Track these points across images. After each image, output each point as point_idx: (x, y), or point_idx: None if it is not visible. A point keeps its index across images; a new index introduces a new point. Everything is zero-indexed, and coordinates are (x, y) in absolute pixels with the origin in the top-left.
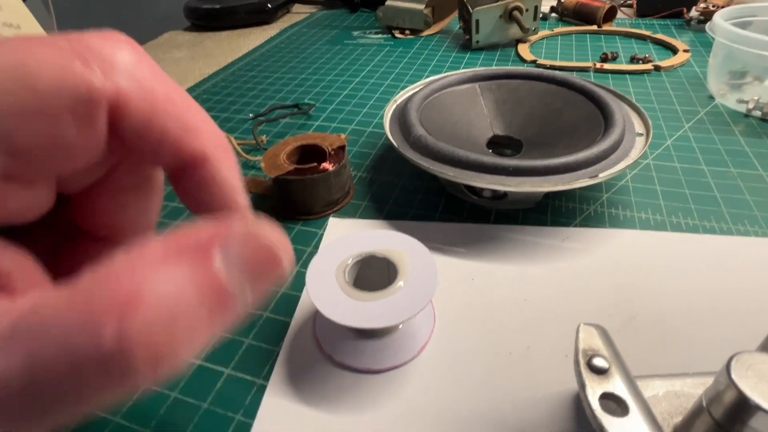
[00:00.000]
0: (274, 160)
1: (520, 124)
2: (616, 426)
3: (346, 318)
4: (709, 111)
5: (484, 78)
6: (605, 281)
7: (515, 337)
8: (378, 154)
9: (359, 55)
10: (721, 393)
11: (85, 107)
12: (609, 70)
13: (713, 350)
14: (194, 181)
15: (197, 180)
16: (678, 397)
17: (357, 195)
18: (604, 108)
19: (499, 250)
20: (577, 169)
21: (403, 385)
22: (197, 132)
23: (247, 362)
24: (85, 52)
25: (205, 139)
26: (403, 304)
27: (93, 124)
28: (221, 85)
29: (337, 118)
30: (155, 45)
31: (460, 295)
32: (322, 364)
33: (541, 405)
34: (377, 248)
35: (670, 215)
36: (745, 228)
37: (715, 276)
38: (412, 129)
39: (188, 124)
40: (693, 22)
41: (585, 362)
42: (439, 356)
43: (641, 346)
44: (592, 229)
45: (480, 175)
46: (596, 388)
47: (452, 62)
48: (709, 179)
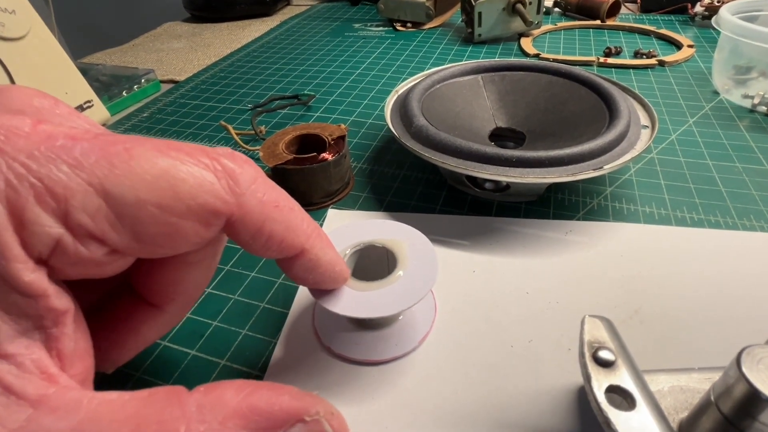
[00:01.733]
0: (272, 149)
1: (523, 116)
2: (623, 420)
3: (345, 308)
4: (714, 106)
5: (487, 69)
6: (609, 275)
7: (517, 330)
8: (378, 146)
9: (360, 47)
10: (730, 387)
11: (209, 216)
12: (612, 64)
13: (718, 345)
14: (302, 267)
15: (304, 266)
16: (684, 392)
17: (357, 186)
18: (609, 100)
19: (501, 243)
20: (582, 160)
21: (402, 376)
22: (297, 230)
23: (244, 353)
24: (219, 168)
25: (304, 233)
26: (403, 294)
27: (210, 229)
28: (220, 75)
29: (337, 110)
30: (154, 35)
31: (462, 288)
32: (320, 356)
33: (543, 398)
34: (376, 238)
35: (675, 209)
36: (751, 223)
37: (720, 270)
38: (414, 119)
39: (291, 224)
40: (697, 17)
41: (590, 354)
42: (440, 348)
43: (645, 341)
44: (595, 222)
45: (483, 165)
46: (602, 380)
47: (454, 56)
48: (714, 174)
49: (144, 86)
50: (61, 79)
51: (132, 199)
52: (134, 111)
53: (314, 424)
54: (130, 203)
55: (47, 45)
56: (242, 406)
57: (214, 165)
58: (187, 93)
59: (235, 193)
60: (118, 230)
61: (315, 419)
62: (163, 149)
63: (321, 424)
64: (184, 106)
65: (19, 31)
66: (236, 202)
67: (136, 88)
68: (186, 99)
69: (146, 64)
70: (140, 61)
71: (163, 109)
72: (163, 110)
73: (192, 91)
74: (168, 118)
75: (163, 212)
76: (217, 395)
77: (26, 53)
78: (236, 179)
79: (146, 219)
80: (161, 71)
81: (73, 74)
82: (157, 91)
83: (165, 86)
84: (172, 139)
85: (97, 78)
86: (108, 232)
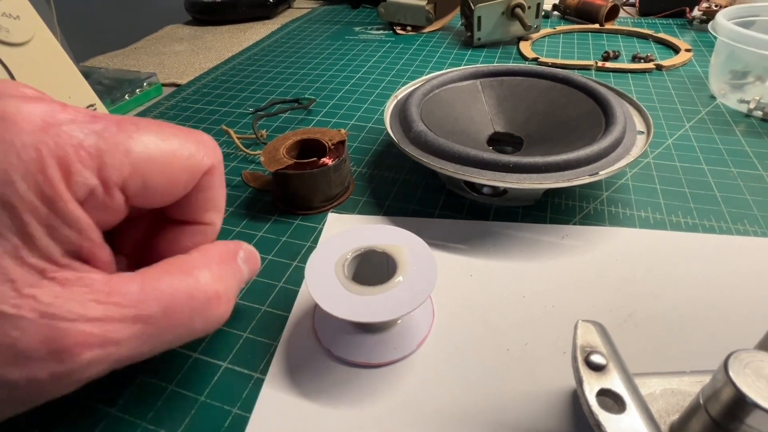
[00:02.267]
0: (273, 154)
1: (521, 121)
2: (614, 422)
3: (345, 312)
4: (710, 110)
5: (486, 75)
6: (604, 279)
7: (513, 334)
8: (378, 150)
9: (360, 50)
10: (718, 391)
11: (195, 171)
12: (611, 68)
13: (710, 349)
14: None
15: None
16: (675, 395)
17: (356, 191)
18: (605, 105)
19: (498, 247)
20: (578, 166)
21: (401, 379)
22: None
23: (245, 356)
24: (202, 145)
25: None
26: (403, 299)
27: (193, 179)
28: (221, 78)
29: (337, 114)
30: (155, 38)
31: (459, 291)
32: (320, 358)
33: (538, 401)
34: (377, 243)
35: (670, 214)
36: (745, 228)
37: (714, 275)
38: (413, 125)
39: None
40: (695, 21)
41: (583, 358)
42: (438, 351)
43: (639, 344)
44: (591, 227)
45: (480, 171)
46: (593, 384)
47: (453, 59)
48: (710, 178)
49: (146, 90)
50: (65, 83)
51: (147, 156)
52: (136, 114)
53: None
54: (146, 158)
55: (51, 49)
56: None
57: (201, 142)
58: (188, 96)
59: (210, 159)
60: (133, 180)
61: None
62: (166, 127)
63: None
64: (186, 110)
65: (24, 37)
66: (210, 165)
67: (138, 92)
68: (188, 102)
69: (148, 68)
70: (142, 64)
71: (166, 112)
72: (166, 114)
73: (194, 95)
74: (170, 121)
75: (166, 167)
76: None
77: (30, 58)
78: (213, 152)
79: (155, 171)
80: (163, 74)
81: (76, 78)
82: (159, 94)
83: (167, 90)
84: None
85: (100, 81)
86: (127, 182)
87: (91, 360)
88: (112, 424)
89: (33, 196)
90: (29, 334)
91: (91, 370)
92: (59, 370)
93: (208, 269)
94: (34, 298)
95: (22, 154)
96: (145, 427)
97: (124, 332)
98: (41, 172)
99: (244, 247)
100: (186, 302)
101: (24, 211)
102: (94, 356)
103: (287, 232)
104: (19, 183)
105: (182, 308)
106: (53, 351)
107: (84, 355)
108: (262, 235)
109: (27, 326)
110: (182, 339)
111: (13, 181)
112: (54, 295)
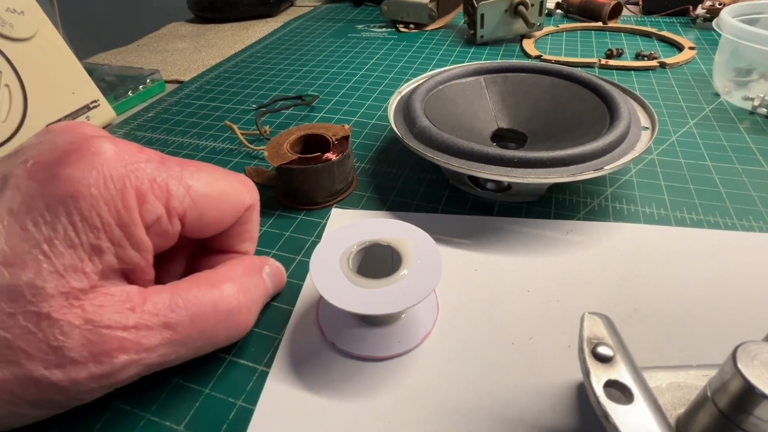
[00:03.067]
0: (277, 149)
1: (524, 118)
2: (621, 413)
3: (350, 304)
4: (714, 108)
5: (490, 71)
6: (609, 274)
7: (518, 328)
8: (381, 146)
9: (363, 48)
10: (726, 383)
11: (240, 206)
12: (614, 66)
13: (716, 343)
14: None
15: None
16: (681, 388)
17: (360, 186)
18: (609, 101)
19: (502, 242)
20: (583, 161)
21: (405, 373)
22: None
23: (249, 349)
24: (246, 185)
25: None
26: (408, 292)
27: (239, 212)
28: (224, 75)
29: (340, 110)
30: (158, 36)
31: (464, 286)
32: (324, 352)
33: (543, 395)
34: (381, 236)
35: (675, 210)
36: (750, 224)
37: (719, 270)
38: (417, 120)
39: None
40: (699, 20)
41: (590, 350)
42: (442, 345)
43: (644, 339)
44: (596, 222)
45: (485, 166)
46: (601, 375)
47: (456, 57)
48: (714, 175)
49: (149, 86)
50: (68, 79)
51: (204, 193)
52: (140, 111)
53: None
54: (203, 194)
55: (55, 45)
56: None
57: (245, 183)
58: (191, 93)
59: (251, 198)
60: (192, 212)
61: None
62: (218, 171)
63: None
64: (189, 106)
65: (28, 32)
66: (251, 203)
67: (141, 88)
68: (191, 99)
69: (151, 65)
70: (145, 61)
71: (168, 109)
72: (168, 110)
73: (197, 92)
74: (173, 118)
75: (218, 202)
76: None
77: (34, 53)
78: (251, 191)
79: (209, 206)
80: (166, 72)
81: (79, 74)
82: (162, 91)
83: (170, 86)
84: (177, 138)
85: (103, 78)
86: (187, 212)
87: (126, 363)
88: (117, 416)
89: (112, 220)
90: (74, 338)
91: (125, 373)
92: (97, 372)
93: (232, 282)
94: (82, 308)
95: (109, 184)
96: (149, 419)
97: (155, 339)
98: (123, 200)
99: (270, 262)
100: (211, 312)
101: (101, 231)
102: (128, 360)
103: (291, 227)
104: (102, 207)
105: (207, 317)
106: (94, 354)
107: (120, 358)
108: (265, 230)
109: (73, 332)
110: (207, 347)
111: (99, 206)
112: (99, 304)
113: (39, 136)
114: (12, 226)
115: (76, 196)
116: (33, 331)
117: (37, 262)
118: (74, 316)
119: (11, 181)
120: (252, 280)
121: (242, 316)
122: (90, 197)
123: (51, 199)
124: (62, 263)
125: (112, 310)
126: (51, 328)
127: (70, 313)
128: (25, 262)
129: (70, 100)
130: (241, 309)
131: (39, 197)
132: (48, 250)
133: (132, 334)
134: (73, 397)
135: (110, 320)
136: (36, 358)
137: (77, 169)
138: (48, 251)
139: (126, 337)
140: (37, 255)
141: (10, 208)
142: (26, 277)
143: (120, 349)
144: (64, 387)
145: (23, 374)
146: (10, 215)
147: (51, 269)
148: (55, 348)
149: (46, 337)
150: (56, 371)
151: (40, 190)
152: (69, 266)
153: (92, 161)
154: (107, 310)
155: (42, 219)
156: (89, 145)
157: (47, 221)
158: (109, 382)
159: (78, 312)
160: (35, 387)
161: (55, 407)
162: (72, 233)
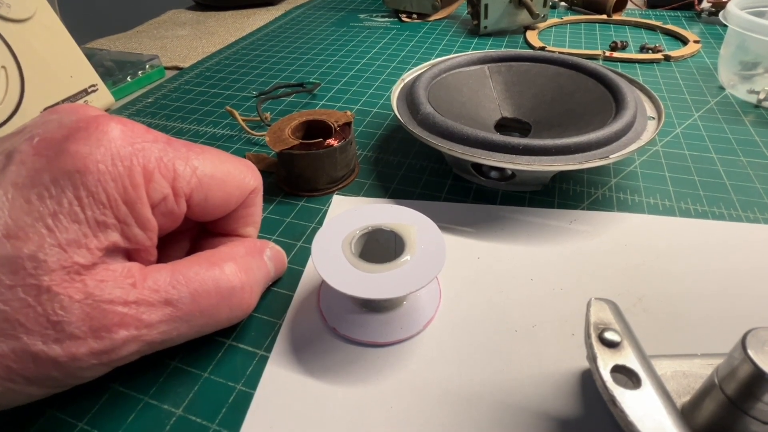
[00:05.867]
0: (278, 134)
1: (529, 107)
2: (628, 398)
3: (352, 288)
4: (719, 101)
5: (494, 60)
6: (613, 263)
7: (521, 315)
8: (383, 134)
9: (365, 37)
10: (735, 369)
11: (245, 189)
12: (618, 58)
13: (720, 333)
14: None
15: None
16: (686, 377)
17: (362, 173)
18: (615, 91)
19: (505, 231)
20: (588, 149)
21: (407, 359)
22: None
23: (249, 333)
24: (249, 169)
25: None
26: (411, 277)
27: (243, 195)
28: (224, 63)
29: (342, 99)
30: (158, 22)
31: (466, 273)
32: (325, 337)
33: (546, 382)
34: (385, 222)
35: (679, 201)
36: (755, 215)
37: (723, 261)
38: (420, 107)
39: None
40: (704, 13)
41: (596, 335)
42: (444, 332)
43: (648, 328)
44: (600, 212)
45: (489, 153)
46: (608, 360)
47: (459, 48)
48: (719, 167)
49: (148, 72)
50: (66, 63)
51: (210, 174)
52: (139, 96)
53: None
54: (209, 175)
55: (53, 28)
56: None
57: (249, 168)
58: (191, 80)
59: (255, 181)
60: (198, 192)
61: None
62: (222, 154)
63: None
64: (189, 93)
65: (25, 13)
66: (255, 186)
67: (140, 74)
68: (190, 86)
69: (150, 51)
70: (144, 47)
71: (168, 95)
72: (168, 96)
73: (196, 78)
74: (172, 104)
75: (223, 184)
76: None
77: (31, 35)
78: (255, 175)
79: (215, 187)
80: (165, 58)
81: (78, 58)
82: (161, 77)
83: (169, 73)
84: (177, 124)
85: (102, 63)
86: (193, 193)
87: (126, 339)
88: (115, 398)
89: (118, 197)
90: (74, 313)
91: (125, 349)
92: (96, 347)
93: (234, 261)
94: (83, 282)
95: (117, 161)
96: (147, 402)
97: (156, 315)
98: (130, 177)
99: (271, 246)
100: (213, 289)
101: (107, 207)
102: (128, 336)
103: (292, 213)
104: (109, 183)
105: (208, 295)
106: (94, 329)
107: (120, 333)
108: (266, 215)
109: (73, 306)
110: (209, 326)
111: (106, 181)
112: (100, 279)
113: (44, 116)
114: (16, 198)
115: (83, 171)
116: (32, 305)
117: (40, 235)
118: (75, 291)
119: (16, 157)
120: (253, 260)
121: (244, 295)
122: (97, 172)
123: (57, 173)
124: (66, 237)
125: (113, 285)
126: (51, 302)
127: (71, 287)
128: (27, 234)
129: (68, 84)
130: (243, 287)
131: (45, 171)
132: (52, 224)
133: (132, 309)
134: (72, 374)
135: (111, 295)
136: (34, 332)
137: (85, 145)
138: (52, 225)
139: (126, 312)
140: (41, 228)
141: (15, 182)
142: (28, 250)
143: (120, 324)
144: (63, 363)
145: (21, 348)
146: (14, 188)
147: (54, 243)
148: (54, 322)
149: (46, 311)
150: (55, 346)
151: (47, 165)
152: (72, 241)
153: (100, 138)
154: (108, 285)
155: (47, 193)
156: (97, 123)
157: (52, 195)
158: (109, 358)
159: (79, 286)
160: (33, 362)
161: (53, 385)
162: (77, 208)
